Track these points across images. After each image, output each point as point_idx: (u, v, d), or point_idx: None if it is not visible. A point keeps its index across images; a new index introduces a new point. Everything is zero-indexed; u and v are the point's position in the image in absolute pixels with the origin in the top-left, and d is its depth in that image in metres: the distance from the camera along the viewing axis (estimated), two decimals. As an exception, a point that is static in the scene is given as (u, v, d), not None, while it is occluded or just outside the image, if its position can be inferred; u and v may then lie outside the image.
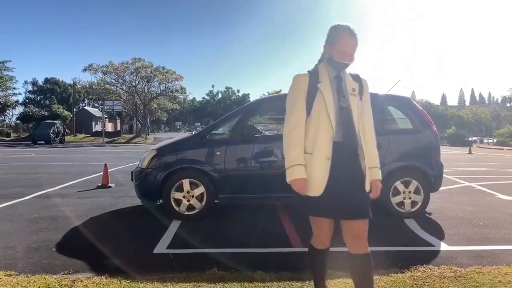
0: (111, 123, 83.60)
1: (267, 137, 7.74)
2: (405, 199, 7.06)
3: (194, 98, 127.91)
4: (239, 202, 7.53)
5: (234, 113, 7.70)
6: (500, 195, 9.56)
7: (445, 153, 30.49)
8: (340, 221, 3.03)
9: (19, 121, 69.99)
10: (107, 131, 58.35)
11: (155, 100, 62.58)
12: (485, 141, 60.63)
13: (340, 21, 2.93)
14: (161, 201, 6.98)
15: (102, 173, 10.88)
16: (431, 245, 5.52)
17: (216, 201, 7.02)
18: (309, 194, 2.92)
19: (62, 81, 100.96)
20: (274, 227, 6.43)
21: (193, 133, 8.79)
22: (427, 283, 4.12)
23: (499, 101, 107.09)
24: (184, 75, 67.21)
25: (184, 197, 6.87)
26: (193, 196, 6.87)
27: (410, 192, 7.05)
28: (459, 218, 7.08)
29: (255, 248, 5.35)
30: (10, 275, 4.28)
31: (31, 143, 43.53)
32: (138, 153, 26.11)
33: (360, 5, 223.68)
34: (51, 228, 6.34)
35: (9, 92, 63.49)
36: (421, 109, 7.49)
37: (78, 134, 60.29)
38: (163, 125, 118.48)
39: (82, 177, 12.48)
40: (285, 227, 6.39)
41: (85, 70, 57.74)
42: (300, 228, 6.29)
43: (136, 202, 8.06)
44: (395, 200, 7.04)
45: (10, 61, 61.74)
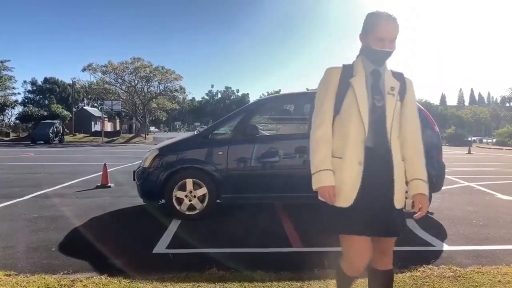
0: (111, 123, 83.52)
1: (270, 136, 7.73)
2: (407, 198, 7.00)
3: (193, 98, 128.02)
4: (242, 202, 7.53)
5: (236, 112, 7.70)
6: (499, 195, 9.58)
7: (445, 153, 30.42)
8: None
9: (18, 121, 69.94)
10: (106, 130, 58.26)
11: (154, 99, 62.53)
12: (485, 141, 60.69)
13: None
14: (163, 201, 6.98)
15: (101, 173, 10.87)
16: (431, 245, 5.52)
17: (218, 201, 7.01)
18: (337, 204, 2.57)
19: (61, 81, 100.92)
20: (273, 227, 6.44)
21: (195, 132, 8.79)
22: (426, 283, 4.12)
23: (499, 101, 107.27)
24: (183, 74, 67.10)
25: (186, 196, 6.85)
26: (195, 196, 6.86)
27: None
28: (458, 218, 7.08)
29: (255, 248, 5.35)
30: (9, 275, 4.28)
31: (30, 143, 43.49)
32: (137, 153, 26.12)
33: (360, 5, 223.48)
34: (50, 228, 6.33)
35: (8, 91, 63.38)
36: (423, 109, 7.46)
37: (77, 134, 60.21)
38: (162, 125, 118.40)
39: (81, 177, 12.47)
40: (284, 227, 6.39)
41: (84, 69, 57.68)
42: (299, 227, 6.30)
43: (135, 202, 8.06)
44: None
45: (9, 60, 61.78)
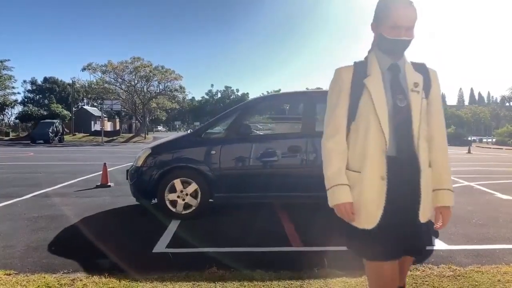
0: (110, 123, 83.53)
1: (263, 136, 7.72)
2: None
3: (193, 97, 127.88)
4: (235, 201, 7.50)
5: (230, 111, 7.70)
6: (499, 195, 9.57)
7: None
8: None
9: (18, 121, 70.07)
10: (106, 130, 58.27)
11: (154, 99, 62.55)
12: (484, 140, 60.70)
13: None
14: (156, 200, 6.98)
15: (101, 172, 10.87)
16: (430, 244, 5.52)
17: (211, 200, 7.00)
18: (359, 226, 2.27)
19: (61, 80, 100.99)
20: (273, 226, 6.43)
21: (188, 131, 8.80)
22: (426, 282, 4.12)
23: (498, 100, 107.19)
24: (183, 74, 67.50)
25: (178, 197, 6.85)
26: (187, 194, 6.85)
27: None
28: (458, 217, 7.06)
29: (255, 247, 5.34)
30: (9, 274, 4.28)
31: (30, 142, 43.49)
32: (137, 152, 26.03)
33: (360, 5, 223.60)
34: (50, 227, 6.33)
35: (8, 91, 63.44)
36: None
37: (77, 133, 60.24)
38: (162, 124, 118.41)
39: (81, 177, 12.47)
40: (284, 226, 6.39)
41: (84, 69, 57.70)
42: (299, 227, 6.30)
43: (135, 201, 8.06)
44: None
45: (8, 60, 61.69)
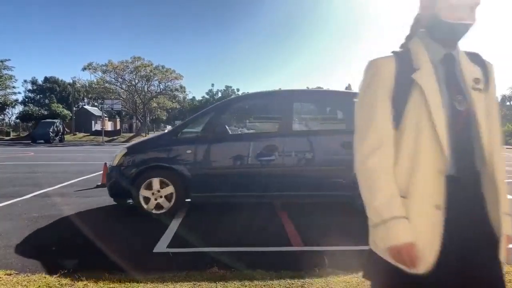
0: (111, 122, 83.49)
1: (239, 135, 7.69)
2: None
3: (193, 97, 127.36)
4: (212, 200, 7.45)
5: (206, 111, 7.74)
6: None
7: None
8: None
9: (18, 120, 70.14)
10: (106, 130, 58.29)
11: (154, 99, 62.55)
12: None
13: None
14: (131, 201, 6.99)
15: (101, 172, 10.86)
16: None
17: (188, 200, 7.04)
18: (409, 269, 1.62)
19: (61, 80, 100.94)
20: (273, 226, 6.42)
21: (165, 131, 8.82)
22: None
23: (499, 100, 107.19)
24: (183, 74, 67.26)
25: (153, 194, 6.85)
26: (161, 196, 6.86)
27: None
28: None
29: (255, 246, 5.33)
30: (10, 274, 4.28)
31: (30, 142, 43.48)
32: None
33: (360, 5, 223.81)
34: (51, 227, 6.33)
35: (9, 91, 63.44)
36: None
37: (77, 133, 60.24)
38: (162, 124, 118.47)
39: (81, 176, 12.47)
40: (285, 226, 6.38)
41: (84, 69, 57.69)
42: (300, 226, 6.29)
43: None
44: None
45: (9, 59, 61.83)
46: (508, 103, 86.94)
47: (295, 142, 7.08)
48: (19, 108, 75.42)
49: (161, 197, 6.87)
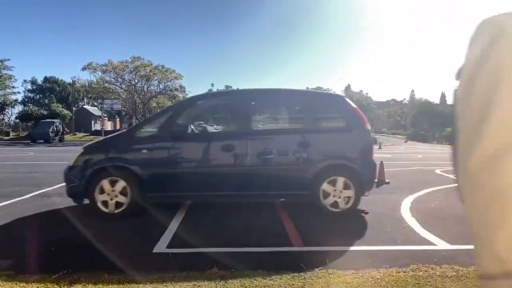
0: (111, 122, 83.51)
1: (196, 135, 7.61)
2: (335, 197, 7.00)
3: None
4: (168, 200, 7.37)
5: (164, 110, 7.74)
6: None
7: (446, 152, 30.40)
8: None
9: (18, 120, 70.13)
10: (106, 130, 58.22)
11: (154, 98, 62.63)
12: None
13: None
14: (87, 200, 6.94)
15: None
16: (433, 244, 5.49)
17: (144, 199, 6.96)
18: None
19: (61, 80, 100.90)
20: (274, 226, 6.40)
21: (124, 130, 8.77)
22: (428, 282, 4.09)
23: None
24: (183, 73, 67.37)
25: (108, 196, 6.82)
26: (116, 195, 6.82)
27: (340, 190, 6.98)
28: (460, 216, 7.00)
29: (256, 247, 5.31)
30: (8, 275, 4.26)
31: (30, 142, 43.49)
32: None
33: (360, 5, 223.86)
34: (50, 227, 6.31)
35: (8, 91, 63.49)
36: (354, 107, 7.43)
37: (77, 133, 60.32)
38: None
39: (81, 176, 12.42)
40: (285, 226, 6.36)
41: (84, 69, 57.76)
42: (300, 226, 6.27)
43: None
44: (326, 198, 6.97)
45: (9, 59, 61.65)
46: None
47: (254, 141, 7.07)
48: (18, 108, 75.50)
49: (116, 196, 6.81)
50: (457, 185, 1.08)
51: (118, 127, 78.82)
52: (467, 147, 1.06)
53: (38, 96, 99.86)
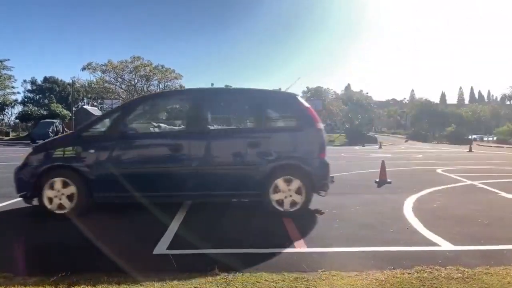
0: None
1: (144, 134, 7.50)
2: (286, 197, 6.92)
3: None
4: (116, 200, 7.24)
5: (113, 110, 7.73)
6: (503, 194, 9.44)
7: (446, 151, 30.44)
8: None
9: (18, 120, 70.10)
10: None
11: (154, 98, 62.47)
12: (485, 139, 60.67)
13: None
14: (36, 200, 6.89)
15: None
16: (437, 244, 5.42)
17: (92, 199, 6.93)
18: None
19: (61, 80, 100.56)
20: (275, 227, 6.32)
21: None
22: (434, 284, 4.02)
23: (499, 99, 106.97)
24: (183, 73, 67.34)
25: (55, 196, 6.75)
26: (63, 194, 6.76)
27: (290, 190, 6.91)
28: (463, 217, 6.97)
29: (257, 248, 5.25)
30: (6, 277, 4.19)
31: (30, 142, 43.36)
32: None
33: (360, 5, 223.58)
34: (48, 228, 6.24)
35: (8, 91, 63.58)
36: (306, 106, 7.37)
37: (77, 133, 60.17)
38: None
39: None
40: (286, 227, 6.29)
41: (84, 69, 57.82)
42: (302, 227, 6.21)
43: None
44: (275, 198, 6.92)
45: (8, 59, 61.63)
46: (508, 102, 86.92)
47: (202, 141, 7.02)
48: (18, 108, 75.37)
49: (63, 195, 6.75)
50: None
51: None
52: None
53: (38, 96, 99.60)
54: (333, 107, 68.39)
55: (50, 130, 45.69)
